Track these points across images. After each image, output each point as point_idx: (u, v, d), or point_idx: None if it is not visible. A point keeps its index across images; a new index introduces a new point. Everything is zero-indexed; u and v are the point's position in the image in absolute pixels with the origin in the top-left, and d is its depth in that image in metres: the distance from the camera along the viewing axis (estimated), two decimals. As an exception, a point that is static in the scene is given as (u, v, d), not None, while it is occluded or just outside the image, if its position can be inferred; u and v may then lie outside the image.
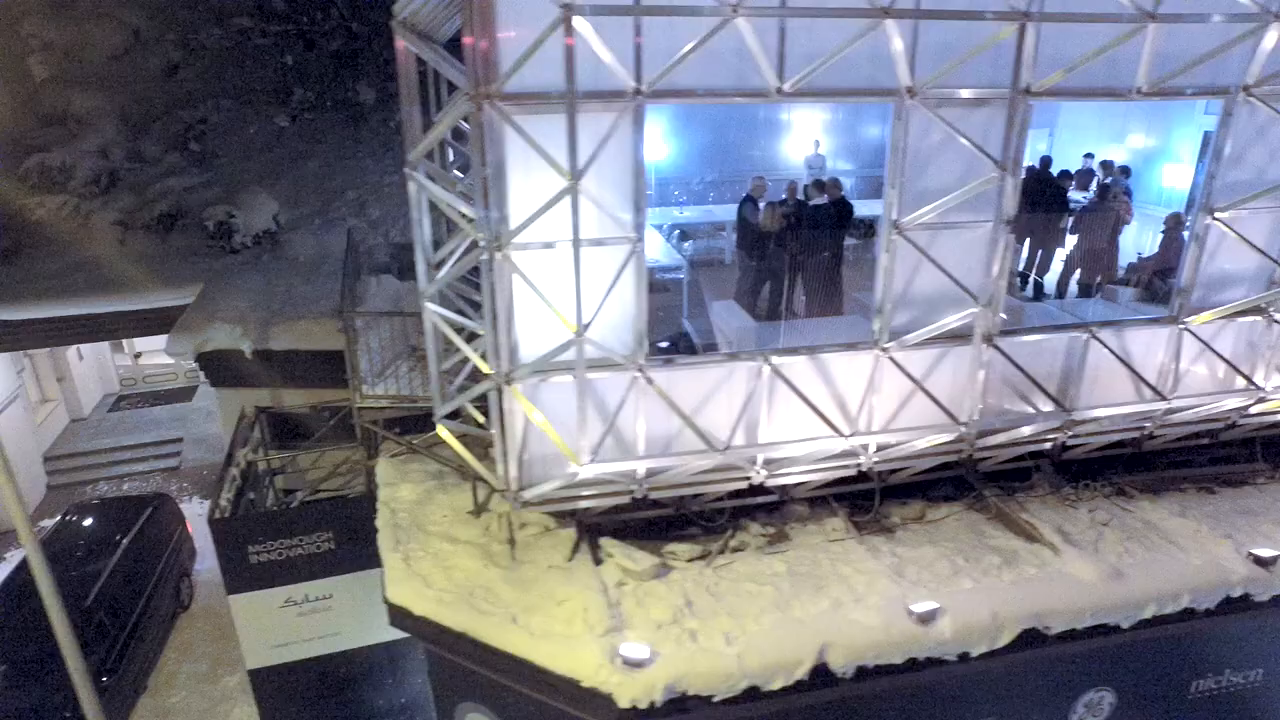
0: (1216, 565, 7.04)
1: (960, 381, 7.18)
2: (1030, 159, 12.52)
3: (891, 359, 6.88)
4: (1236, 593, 6.93)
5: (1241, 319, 7.77)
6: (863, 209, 12.17)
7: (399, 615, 6.81)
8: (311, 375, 11.22)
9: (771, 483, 7.24)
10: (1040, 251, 11.37)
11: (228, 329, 11.37)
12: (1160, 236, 10.48)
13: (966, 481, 8.18)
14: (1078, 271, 11.68)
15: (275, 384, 11.63)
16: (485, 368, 6.37)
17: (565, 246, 5.94)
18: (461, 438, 7.10)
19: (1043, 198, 10.83)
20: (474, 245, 6.10)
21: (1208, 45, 6.62)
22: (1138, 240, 12.66)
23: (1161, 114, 11.98)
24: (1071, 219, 11.10)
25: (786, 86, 5.92)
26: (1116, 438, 8.13)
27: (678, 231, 12.57)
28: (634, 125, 5.86)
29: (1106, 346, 7.42)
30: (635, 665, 5.83)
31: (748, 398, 6.72)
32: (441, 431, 6.96)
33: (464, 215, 6.12)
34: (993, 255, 6.68)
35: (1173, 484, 8.54)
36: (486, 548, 7.33)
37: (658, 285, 10.76)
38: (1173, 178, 11.96)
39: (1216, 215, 7.25)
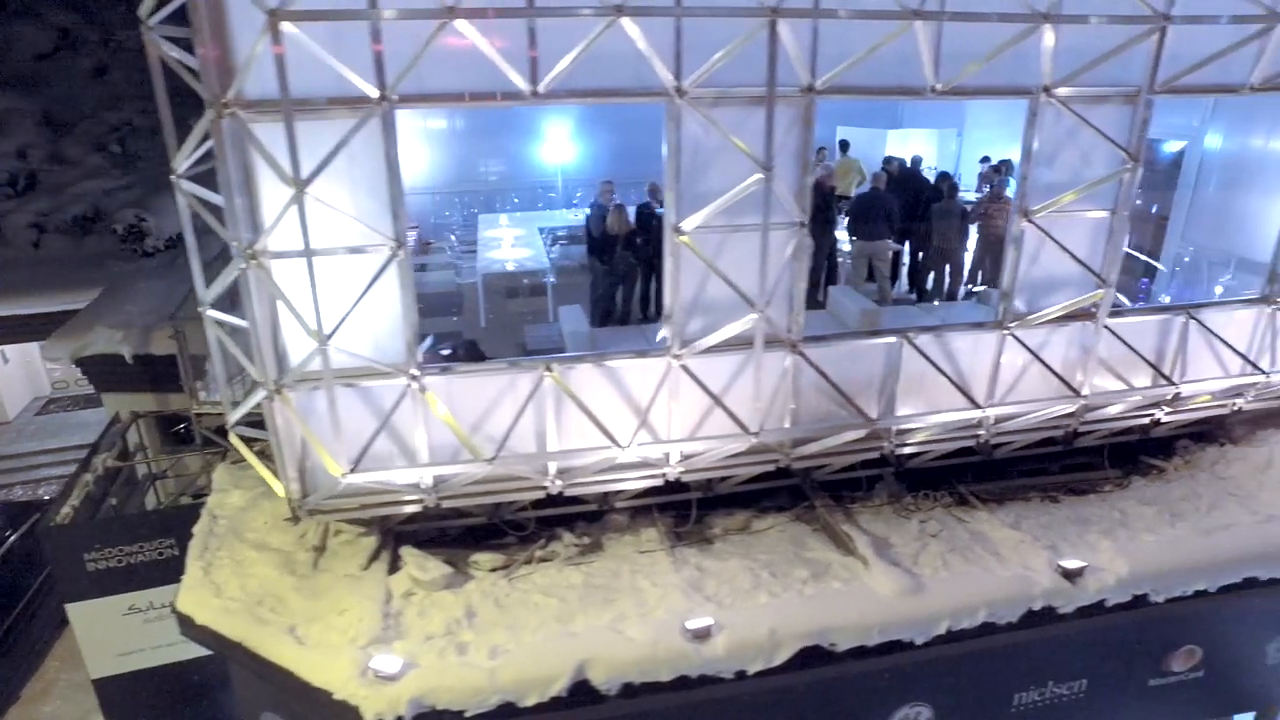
0: (1021, 578, 6.84)
1: (763, 389, 7.02)
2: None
3: (684, 367, 6.71)
4: (1038, 606, 6.73)
5: (1070, 323, 7.54)
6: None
7: (185, 624, 6.75)
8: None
9: (571, 492, 7.09)
10: (921, 254, 11.18)
11: (108, 333, 11.35)
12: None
13: (803, 491, 8.04)
14: (979, 273, 11.54)
15: (159, 388, 11.63)
16: (257, 375, 6.28)
17: (332, 254, 5.86)
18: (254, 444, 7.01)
19: (910, 199, 10.65)
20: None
21: (1111, 43, 6.58)
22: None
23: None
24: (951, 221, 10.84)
25: (540, 88, 5.78)
26: (951, 446, 7.94)
27: (552, 235, 12.45)
28: (384, 131, 5.74)
29: (921, 353, 7.22)
30: (386, 678, 5.72)
31: (521, 406, 6.59)
32: (234, 439, 6.87)
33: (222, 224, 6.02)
34: (779, 258, 6.53)
35: (1019, 493, 8.34)
36: (291, 556, 7.25)
37: (523, 289, 10.68)
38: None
39: (1030, 217, 7.03)
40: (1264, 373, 8.16)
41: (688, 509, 7.82)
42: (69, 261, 14.63)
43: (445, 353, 7.37)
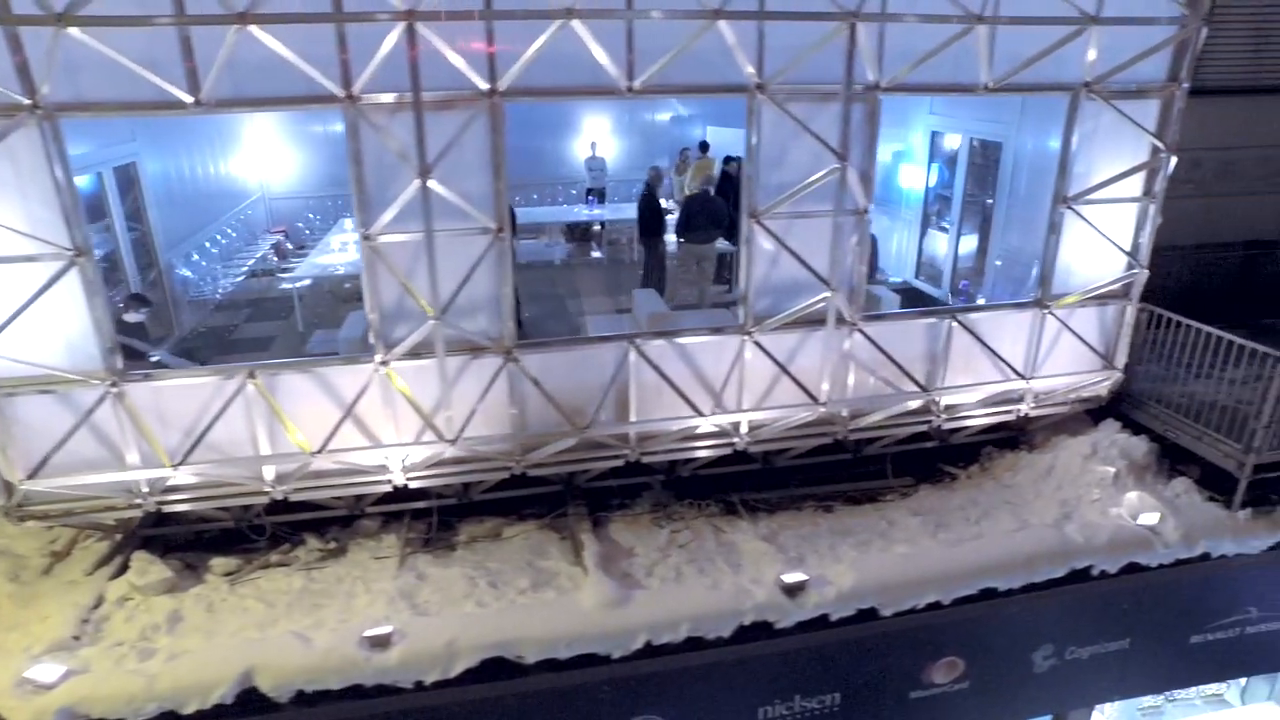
0: (740, 592, 6.71)
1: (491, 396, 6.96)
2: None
3: (385, 373, 6.66)
4: (749, 621, 6.59)
5: (809, 329, 7.37)
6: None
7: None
8: None
9: (298, 497, 7.07)
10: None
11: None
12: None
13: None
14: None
15: None
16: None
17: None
18: None
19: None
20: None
21: (1043, 44, 6.86)
22: (896, 240, 12.24)
23: (900, 113, 11.48)
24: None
25: (200, 97, 5.75)
26: (715, 453, 7.81)
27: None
28: (47, 139, 5.74)
29: (647, 359, 7.10)
30: (42, 687, 5.74)
31: (214, 413, 6.58)
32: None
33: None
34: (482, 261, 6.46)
35: (795, 502, 8.20)
36: (25, 562, 7.30)
37: (349, 293, 10.67)
38: (909, 178, 11.49)
39: (758, 219, 6.88)
40: (1023, 377, 7.92)
41: (444, 514, 7.79)
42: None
43: (155, 359, 7.37)
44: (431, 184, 6.13)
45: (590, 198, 14.53)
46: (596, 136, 14.84)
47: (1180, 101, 7.46)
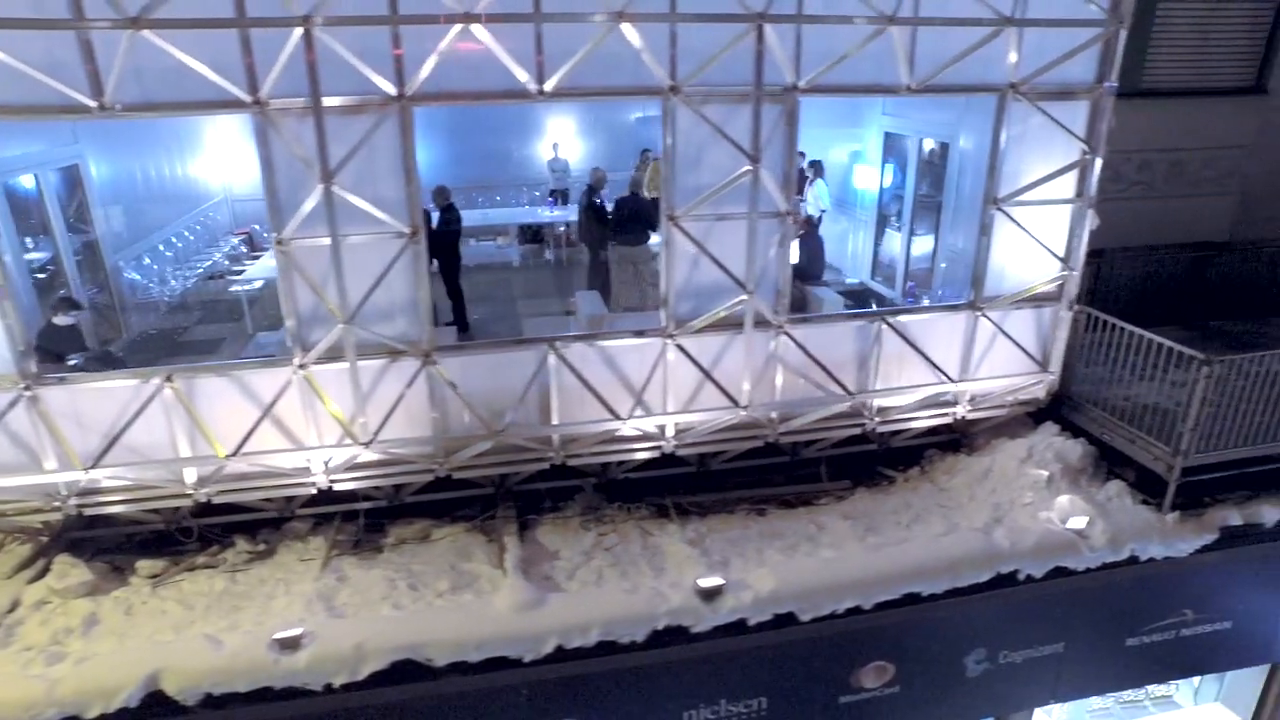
0: (656, 596, 6.69)
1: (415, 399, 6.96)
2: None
3: (307, 377, 6.67)
4: (662, 625, 6.57)
5: (735, 331, 7.35)
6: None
7: None
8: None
9: (221, 500, 7.08)
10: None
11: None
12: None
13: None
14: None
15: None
16: None
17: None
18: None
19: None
20: None
21: (960, 45, 6.87)
22: (852, 241, 12.21)
23: (854, 113, 11.45)
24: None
25: (104, 102, 5.76)
26: (642, 456, 7.80)
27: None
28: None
29: (565, 362, 7.09)
30: (-68, 693, 5.74)
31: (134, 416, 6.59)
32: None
33: None
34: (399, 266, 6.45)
35: (729, 505, 8.17)
36: (-45, 564, 7.32)
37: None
38: (863, 179, 11.45)
39: (676, 221, 6.86)
40: (952, 380, 7.88)
41: (396, 516, 7.79)
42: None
43: (72, 362, 7.39)
44: (337, 189, 6.13)
45: (552, 199, 14.52)
46: (561, 138, 14.85)
47: (1107, 103, 7.41)
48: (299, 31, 5.67)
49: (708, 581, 6.71)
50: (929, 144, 10.43)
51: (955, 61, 6.81)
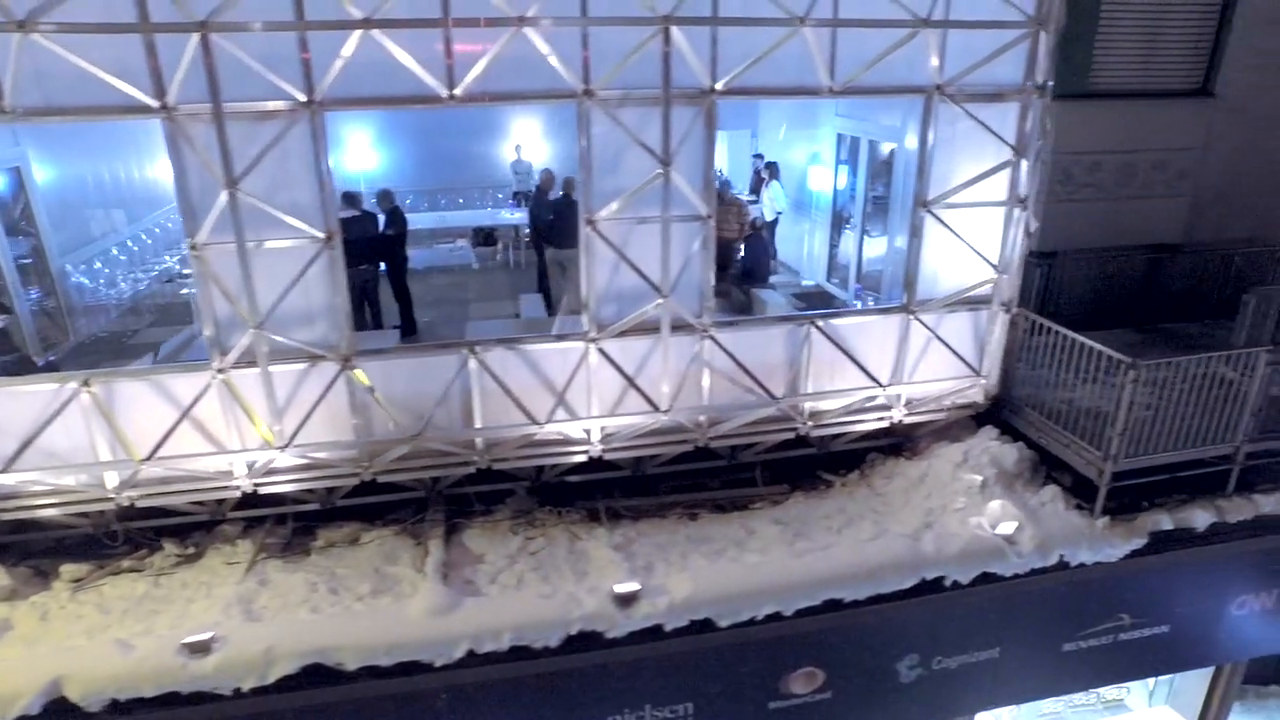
0: (570, 601, 6.66)
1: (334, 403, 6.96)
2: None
3: (225, 381, 6.67)
4: (576, 630, 6.55)
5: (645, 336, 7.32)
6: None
7: None
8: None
9: (145, 503, 7.09)
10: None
11: None
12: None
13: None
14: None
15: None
16: None
17: None
18: None
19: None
20: None
21: (880, 46, 6.88)
22: (808, 243, 12.16)
23: (810, 115, 11.41)
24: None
25: (2, 106, 5.76)
26: (572, 462, 7.77)
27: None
28: None
29: (485, 366, 7.07)
30: None
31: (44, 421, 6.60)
32: None
33: None
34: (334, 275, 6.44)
35: (662, 509, 8.13)
36: None
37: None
38: (817, 180, 11.40)
39: (593, 225, 6.84)
40: (880, 385, 7.84)
41: (328, 519, 7.78)
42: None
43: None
44: (243, 194, 6.11)
45: (515, 201, 14.51)
46: (525, 139, 14.85)
47: (1035, 105, 7.36)
48: (197, 37, 5.65)
49: (623, 587, 6.68)
50: (888, 146, 10.42)
51: (874, 64, 6.78)
